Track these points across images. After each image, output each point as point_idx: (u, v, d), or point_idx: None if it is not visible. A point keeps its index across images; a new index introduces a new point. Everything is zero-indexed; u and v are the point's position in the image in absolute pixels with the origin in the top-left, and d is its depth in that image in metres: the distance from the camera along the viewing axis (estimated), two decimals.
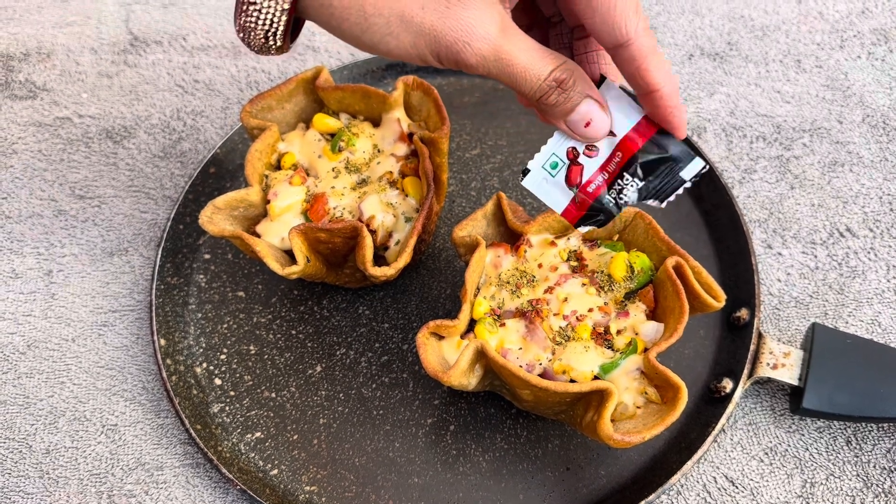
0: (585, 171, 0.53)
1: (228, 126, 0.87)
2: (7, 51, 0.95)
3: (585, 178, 0.53)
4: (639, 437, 0.54)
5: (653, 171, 0.52)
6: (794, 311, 0.73)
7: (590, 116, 0.50)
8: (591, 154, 0.53)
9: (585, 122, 0.51)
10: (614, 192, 0.53)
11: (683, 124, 0.51)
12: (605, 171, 0.53)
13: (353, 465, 0.66)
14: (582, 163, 0.53)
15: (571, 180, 0.53)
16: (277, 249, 0.66)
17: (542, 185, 0.54)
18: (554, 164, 0.53)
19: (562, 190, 0.54)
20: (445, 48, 0.48)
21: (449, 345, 0.61)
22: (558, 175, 0.53)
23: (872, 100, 0.87)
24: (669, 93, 0.49)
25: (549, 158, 0.54)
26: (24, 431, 0.69)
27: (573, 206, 0.54)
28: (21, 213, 0.81)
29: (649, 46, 0.48)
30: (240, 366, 0.71)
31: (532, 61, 0.49)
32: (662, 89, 0.49)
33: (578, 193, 0.53)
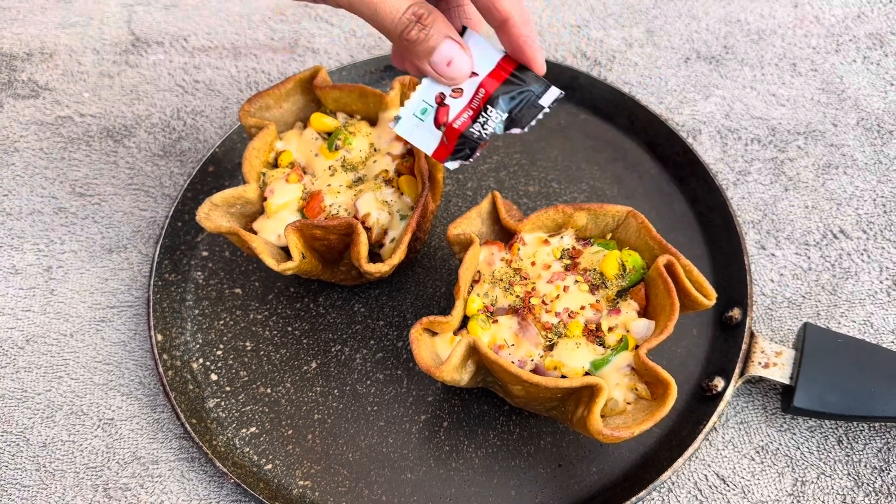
0: (451, 110, 0.56)
1: (228, 126, 0.88)
2: (10, 50, 0.96)
3: (451, 117, 0.56)
4: (628, 431, 0.54)
5: (514, 103, 0.56)
6: (787, 312, 0.74)
7: (451, 55, 0.54)
8: (456, 96, 0.56)
9: (447, 62, 0.54)
10: (478, 125, 0.56)
11: (537, 54, 0.55)
12: (469, 109, 0.56)
13: (346, 461, 0.66)
14: (448, 104, 0.56)
15: (439, 120, 0.57)
16: (273, 246, 0.67)
17: (414, 130, 0.57)
18: (423, 110, 0.57)
19: (431, 132, 0.57)
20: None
21: (442, 341, 0.62)
22: (427, 119, 0.57)
23: (867, 103, 0.88)
24: (520, 21, 0.53)
25: (418, 105, 0.57)
26: (22, 425, 0.70)
27: (442, 145, 0.57)
28: (21, 209, 0.82)
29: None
30: (236, 361, 0.71)
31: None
32: (512, 18, 0.53)
33: (446, 132, 0.57)
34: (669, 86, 0.90)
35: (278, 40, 0.96)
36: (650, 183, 0.81)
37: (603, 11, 0.98)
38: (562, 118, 0.86)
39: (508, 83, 0.56)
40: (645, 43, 0.94)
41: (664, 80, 0.91)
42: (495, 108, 0.56)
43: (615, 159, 0.83)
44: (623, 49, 0.94)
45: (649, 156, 0.83)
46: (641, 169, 0.82)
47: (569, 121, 0.86)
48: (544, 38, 0.95)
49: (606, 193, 0.81)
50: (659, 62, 0.93)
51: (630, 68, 0.92)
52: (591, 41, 0.95)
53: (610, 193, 0.81)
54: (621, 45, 0.94)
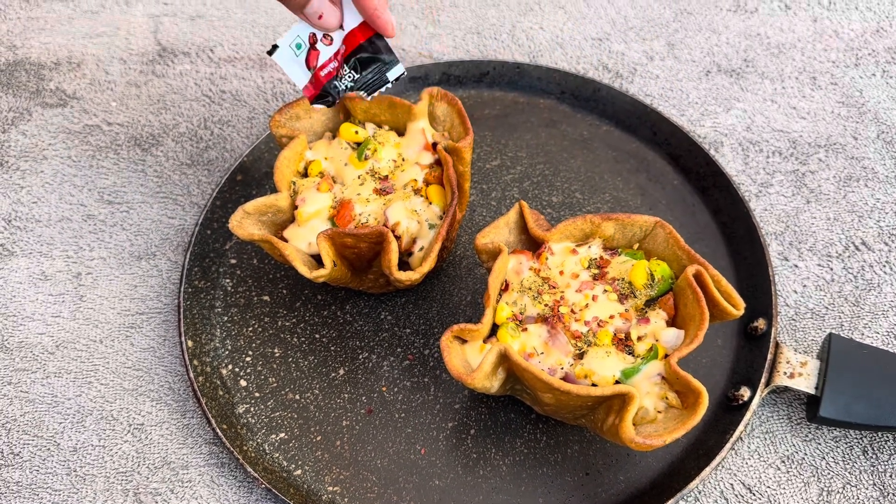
0: (321, 56, 0.63)
1: (254, 135, 0.89)
2: (39, 60, 0.97)
3: (320, 63, 0.63)
4: (660, 440, 0.55)
5: (366, 67, 0.63)
6: (811, 322, 0.74)
7: (321, 10, 0.59)
8: (327, 42, 0.62)
9: (318, 15, 0.59)
10: (337, 80, 0.63)
11: (386, 24, 0.60)
12: (335, 60, 0.63)
13: (375, 467, 0.67)
14: (319, 49, 0.62)
15: (310, 63, 0.63)
16: (304, 254, 0.67)
17: (289, 62, 0.63)
18: (298, 45, 0.63)
19: (302, 70, 0.63)
20: None
21: (472, 348, 0.62)
22: (300, 56, 0.63)
23: (887, 116, 0.89)
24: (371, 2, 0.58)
25: (294, 39, 0.62)
26: (52, 430, 0.70)
27: (311, 85, 0.63)
28: (51, 217, 0.83)
29: None
30: (265, 368, 0.72)
31: None
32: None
33: (314, 76, 0.63)
34: (691, 98, 0.91)
35: None
36: (673, 194, 0.82)
37: (624, 25, 0.99)
38: (584, 130, 0.87)
39: (365, 47, 0.63)
40: (666, 56, 0.95)
41: (685, 92, 0.92)
42: (350, 69, 0.63)
43: (638, 170, 0.84)
44: (644, 62, 0.95)
45: (672, 167, 0.84)
46: (664, 180, 0.83)
47: (591, 132, 0.87)
48: (566, 51, 0.96)
49: (630, 204, 0.81)
50: (680, 75, 0.94)
51: (651, 81, 0.93)
52: (612, 54, 0.96)
53: (633, 204, 0.81)
54: (642, 58, 0.95)
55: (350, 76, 0.64)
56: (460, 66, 0.91)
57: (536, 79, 0.90)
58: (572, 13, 1.01)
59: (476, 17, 1.01)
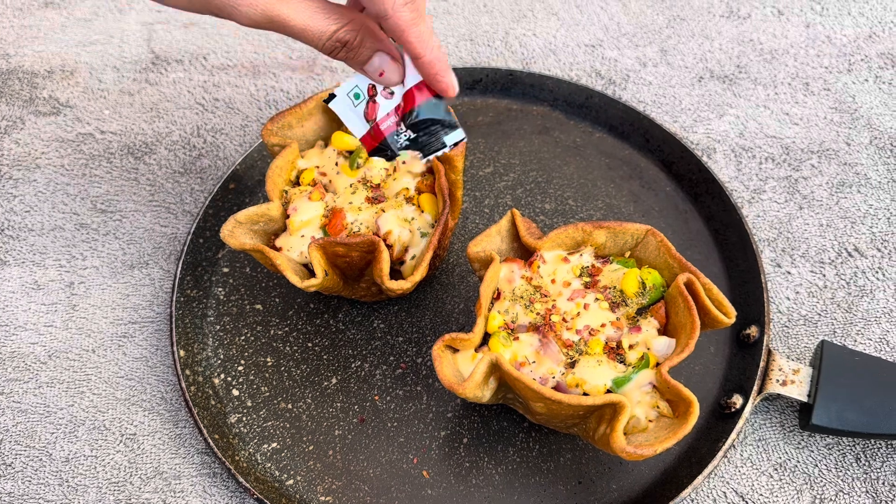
0: (381, 109, 0.60)
1: (247, 143, 0.89)
2: (32, 68, 0.97)
3: (380, 117, 0.61)
4: (651, 449, 0.55)
5: (424, 129, 0.61)
6: (803, 329, 0.74)
7: (382, 68, 0.57)
8: (387, 96, 0.60)
9: (379, 73, 0.58)
10: (396, 135, 0.61)
11: (448, 88, 0.58)
12: (396, 114, 0.61)
13: (367, 476, 0.67)
14: (378, 102, 0.60)
15: (369, 115, 0.61)
16: (296, 263, 0.67)
17: (347, 111, 0.61)
18: (357, 95, 0.61)
19: (361, 120, 0.61)
20: (217, 9, 0.52)
21: (464, 358, 0.62)
22: (359, 107, 0.61)
23: (880, 122, 0.89)
24: (430, 60, 0.56)
25: (353, 89, 0.61)
26: (45, 440, 0.70)
27: (368, 136, 0.62)
28: (44, 226, 0.83)
29: (408, 20, 0.54)
30: (257, 377, 0.72)
31: (312, 22, 0.54)
32: (423, 58, 0.56)
33: (373, 128, 0.61)
34: (683, 105, 0.91)
35: (296, 59, 0.97)
36: (666, 201, 0.82)
37: (617, 31, 0.99)
38: (577, 136, 0.88)
39: (424, 107, 0.60)
40: (659, 62, 0.96)
41: (678, 99, 0.92)
42: (407, 128, 0.61)
43: (630, 177, 0.84)
44: (637, 68, 0.95)
45: (664, 174, 0.84)
46: (657, 187, 0.83)
47: (584, 139, 0.87)
48: (559, 58, 0.96)
49: (622, 211, 0.82)
50: (673, 81, 0.94)
51: (644, 87, 0.93)
52: (605, 60, 0.96)
53: (626, 211, 0.81)
54: (635, 65, 0.95)
55: (407, 135, 0.61)
56: (455, 73, 0.91)
57: (529, 86, 0.91)
58: (565, 20, 1.01)
59: (469, 24, 1.01)
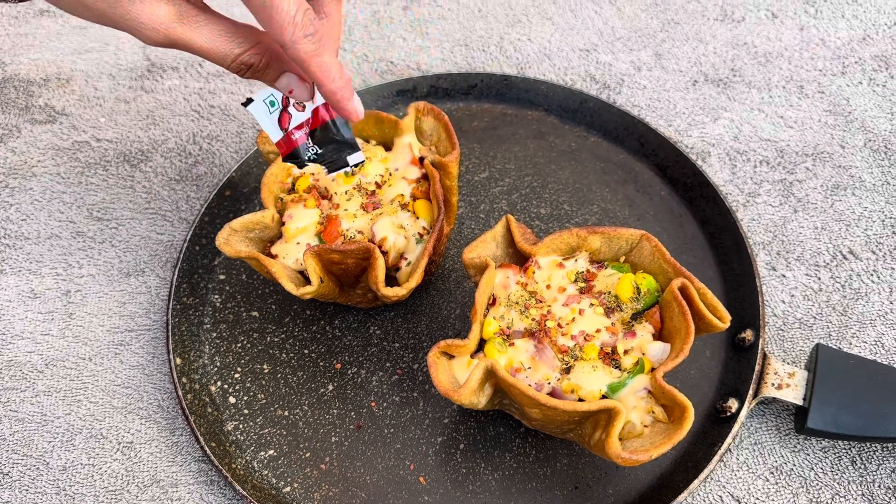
0: (293, 120, 0.64)
1: (243, 150, 0.89)
2: (28, 76, 0.97)
3: (292, 126, 0.64)
4: (646, 455, 0.55)
5: (329, 146, 0.66)
6: (799, 333, 0.74)
7: (290, 87, 0.59)
8: (299, 109, 0.64)
9: (289, 90, 0.59)
10: (306, 146, 0.65)
11: (351, 113, 0.60)
12: (306, 126, 0.64)
13: (364, 483, 0.67)
14: (291, 113, 0.64)
15: (282, 124, 0.64)
16: (292, 270, 0.68)
17: (263, 116, 0.64)
18: (272, 103, 0.63)
19: (275, 126, 0.64)
20: (124, 29, 0.54)
21: (459, 364, 0.62)
22: (274, 114, 0.64)
23: (874, 125, 0.89)
24: (332, 90, 0.57)
25: (268, 96, 0.63)
26: (42, 448, 0.70)
27: (282, 142, 0.65)
28: (40, 234, 0.83)
29: (308, 51, 0.54)
30: (253, 384, 0.72)
31: (214, 45, 0.55)
32: (325, 87, 0.57)
33: (286, 136, 0.64)
34: (678, 108, 0.92)
35: None
36: (661, 205, 0.82)
37: (611, 36, 0.99)
38: (572, 141, 0.88)
39: (331, 126, 0.65)
40: (653, 66, 0.96)
41: (673, 102, 0.92)
42: (315, 143, 0.65)
43: (625, 181, 0.84)
44: (632, 72, 0.95)
45: (659, 178, 0.84)
46: (652, 191, 0.83)
47: (579, 144, 0.88)
48: (554, 63, 0.96)
49: (618, 215, 0.82)
50: (667, 85, 0.94)
51: (639, 91, 0.93)
52: (599, 65, 0.96)
53: (621, 215, 0.82)
54: (630, 69, 0.96)
55: (314, 149, 0.66)
56: (448, 79, 0.91)
57: (524, 91, 0.91)
58: (560, 24, 1.01)
59: (464, 30, 1.01)
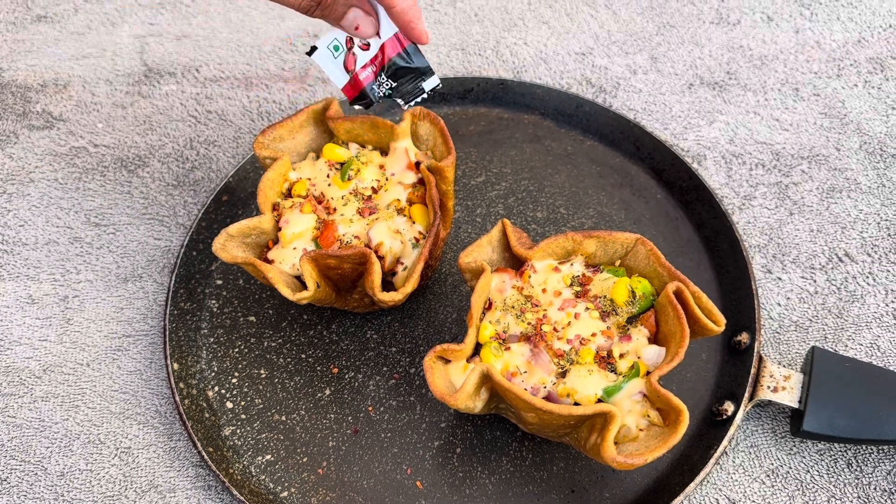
0: (358, 61, 0.66)
1: (240, 155, 0.89)
2: (25, 82, 0.97)
3: (358, 67, 0.66)
4: (641, 459, 0.55)
5: (402, 77, 0.67)
6: (794, 335, 0.75)
7: (357, 23, 0.62)
8: (364, 48, 0.65)
9: (354, 27, 0.62)
10: (376, 84, 0.67)
11: (421, 35, 0.63)
12: (372, 65, 0.66)
13: (361, 488, 0.67)
14: (356, 54, 0.65)
15: (348, 66, 0.66)
16: (288, 275, 0.68)
17: (328, 63, 0.66)
18: (336, 47, 0.65)
19: (341, 71, 0.66)
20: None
21: (455, 368, 0.62)
22: (339, 58, 0.65)
23: (869, 127, 0.89)
24: (403, 9, 0.60)
25: (332, 41, 0.65)
26: (40, 454, 0.70)
27: (349, 86, 0.67)
28: (38, 240, 0.83)
29: None
30: (251, 389, 0.72)
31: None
32: (395, 6, 0.60)
33: (352, 78, 0.66)
34: (674, 112, 0.92)
35: (289, 70, 0.97)
36: (656, 208, 0.82)
37: (607, 39, 1.00)
38: (568, 145, 0.88)
39: (401, 57, 0.66)
40: (649, 70, 0.96)
41: (668, 106, 0.92)
42: (388, 78, 0.66)
43: (621, 185, 0.84)
44: (627, 76, 0.95)
45: (655, 181, 0.84)
46: (648, 194, 0.84)
47: (575, 147, 0.88)
48: (550, 66, 0.97)
49: (614, 219, 0.82)
50: (663, 88, 0.94)
51: (634, 95, 0.94)
52: (595, 68, 0.96)
53: (617, 219, 0.82)
54: (625, 73, 0.96)
55: (388, 84, 0.67)
56: (444, 83, 0.92)
57: (520, 95, 0.91)
58: (556, 28, 1.01)
59: (460, 34, 1.01)
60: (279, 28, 1.02)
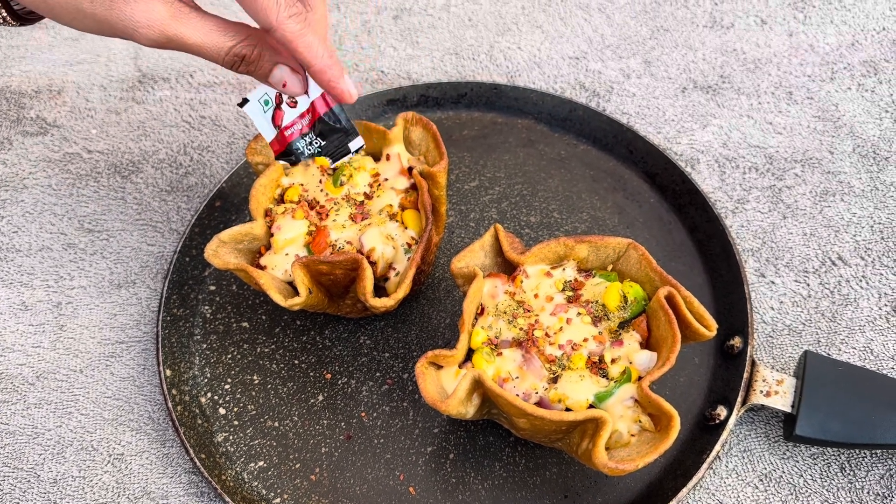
0: (286, 117, 0.67)
1: (234, 160, 0.89)
2: (19, 88, 0.97)
3: (286, 123, 0.67)
4: (632, 464, 0.55)
5: (329, 136, 0.68)
6: (788, 339, 0.74)
7: (283, 80, 0.62)
8: (292, 105, 0.66)
9: (282, 83, 0.62)
10: (304, 142, 0.68)
11: (343, 93, 0.62)
12: (300, 123, 0.67)
13: (354, 494, 0.67)
14: (284, 110, 0.66)
15: (276, 121, 0.67)
16: (280, 281, 0.68)
17: (258, 116, 0.67)
18: (266, 102, 0.66)
19: (269, 125, 0.67)
20: (121, 33, 0.56)
21: (447, 374, 0.62)
22: (268, 113, 0.67)
23: (862, 130, 0.89)
24: (321, 69, 0.60)
25: (262, 96, 0.66)
26: (33, 461, 0.70)
27: (276, 141, 0.68)
28: (31, 246, 0.83)
29: (294, 31, 0.56)
30: (244, 395, 0.72)
31: (208, 39, 0.57)
32: (313, 66, 0.59)
33: (279, 134, 0.67)
34: (667, 116, 0.92)
35: None
36: (650, 212, 0.82)
37: (601, 43, 1.00)
38: (561, 149, 0.88)
39: (329, 117, 0.67)
40: (642, 74, 0.96)
41: (662, 110, 0.92)
42: (317, 136, 0.68)
43: (615, 189, 0.85)
44: (621, 80, 0.95)
45: (648, 185, 0.84)
46: (641, 198, 0.84)
47: (568, 151, 0.88)
48: (543, 71, 0.97)
49: (607, 223, 0.82)
50: (656, 92, 0.94)
51: (628, 99, 0.94)
52: (589, 73, 0.96)
53: (610, 223, 0.82)
54: (619, 77, 0.96)
55: (318, 143, 0.68)
56: (438, 88, 0.92)
57: (514, 99, 0.91)
58: (549, 32, 1.01)
59: (454, 38, 1.01)
60: None
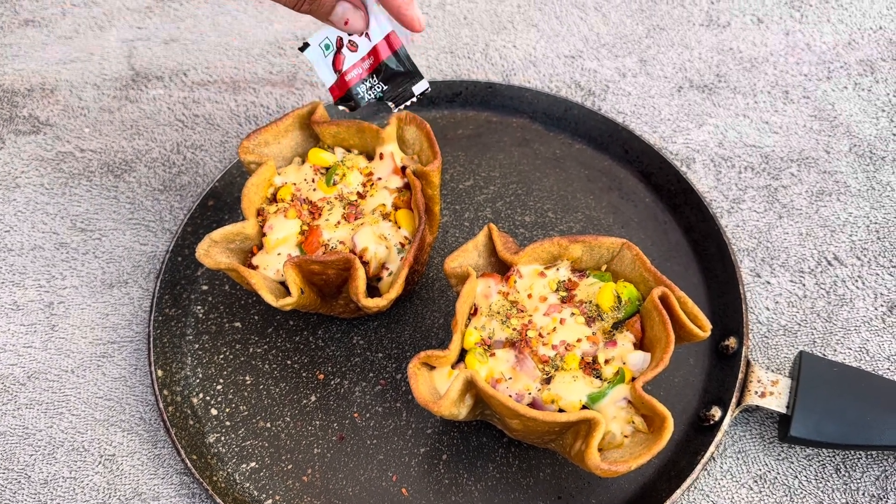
0: (346, 61, 0.66)
1: (227, 160, 0.89)
2: (12, 87, 0.97)
3: (346, 67, 0.67)
4: (625, 466, 0.55)
5: (393, 80, 0.67)
6: (783, 340, 0.74)
7: (346, 17, 0.62)
8: (352, 49, 0.66)
9: (343, 21, 0.62)
10: (365, 87, 0.67)
11: (413, 21, 0.62)
12: (360, 68, 0.67)
13: (346, 495, 0.66)
14: (345, 54, 0.66)
15: (336, 66, 0.67)
16: (272, 281, 0.67)
17: (318, 60, 0.67)
18: (327, 46, 0.66)
19: (329, 70, 0.67)
20: None
21: (440, 375, 0.62)
22: (329, 57, 0.67)
23: (859, 129, 0.89)
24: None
25: (323, 40, 0.66)
26: (23, 462, 0.70)
27: (336, 86, 0.68)
28: (23, 245, 0.83)
29: None
30: (236, 396, 0.72)
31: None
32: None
33: (340, 78, 0.67)
34: (663, 115, 0.91)
35: (277, 74, 0.97)
36: (645, 212, 0.82)
37: (596, 42, 0.99)
38: (556, 148, 0.88)
39: (392, 61, 0.66)
40: (638, 73, 0.96)
41: (657, 109, 0.92)
42: (379, 80, 0.67)
43: (610, 189, 0.84)
44: (616, 79, 0.95)
45: (644, 185, 0.84)
46: (636, 198, 0.83)
47: (564, 151, 0.87)
48: (539, 69, 0.96)
49: (602, 223, 0.81)
50: (652, 91, 0.94)
51: (624, 98, 0.93)
52: (584, 71, 0.96)
53: (605, 223, 0.81)
54: (615, 75, 0.95)
55: (380, 87, 0.67)
56: (432, 87, 0.91)
57: (509, 98, 0.91)
58: (545, 31, 1.01)
59: (449, 37, 1.01)
60: (267, 32, 1.02)
